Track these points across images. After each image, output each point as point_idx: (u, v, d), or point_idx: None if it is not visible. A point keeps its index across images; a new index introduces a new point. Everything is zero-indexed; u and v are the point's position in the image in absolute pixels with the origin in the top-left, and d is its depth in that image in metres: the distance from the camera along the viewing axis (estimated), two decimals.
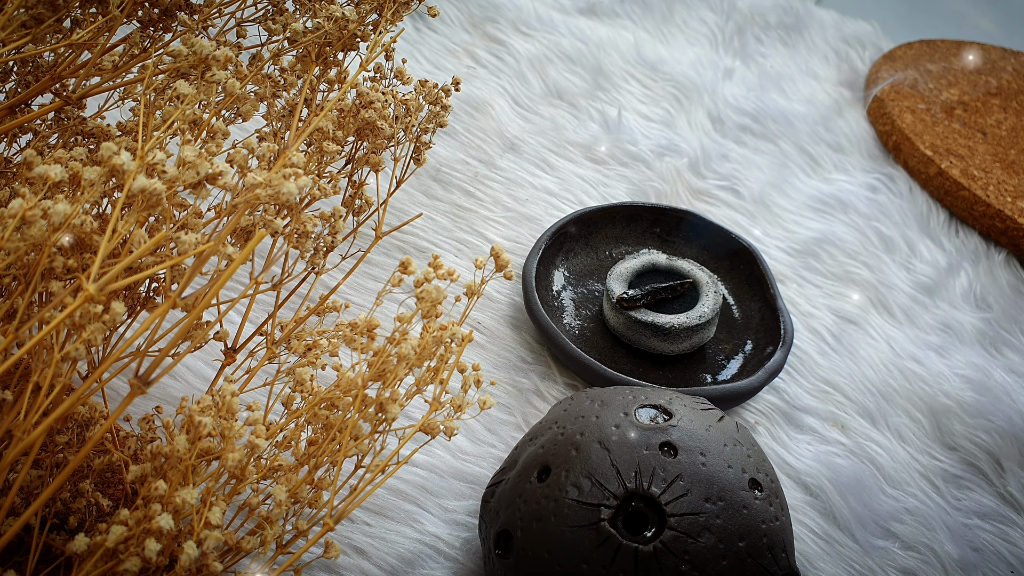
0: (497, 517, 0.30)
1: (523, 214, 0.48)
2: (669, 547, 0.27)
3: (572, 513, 0.28)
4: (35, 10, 0.28)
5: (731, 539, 0.28)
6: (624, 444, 0.29)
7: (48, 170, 0.21)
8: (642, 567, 0.27)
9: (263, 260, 0.41)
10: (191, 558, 0.21)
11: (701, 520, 0.27)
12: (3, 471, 0.21)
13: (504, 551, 0.29)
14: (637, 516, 0.28)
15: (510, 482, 0.30)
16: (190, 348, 0.26)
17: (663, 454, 0.29)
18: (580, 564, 0.27)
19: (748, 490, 0.29)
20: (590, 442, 0.29)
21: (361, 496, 0.25)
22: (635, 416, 0.30)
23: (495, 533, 0.30)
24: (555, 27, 0.62)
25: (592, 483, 0.28)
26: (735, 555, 0.27)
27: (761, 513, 0.29)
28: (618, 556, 0.27)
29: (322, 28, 0.29)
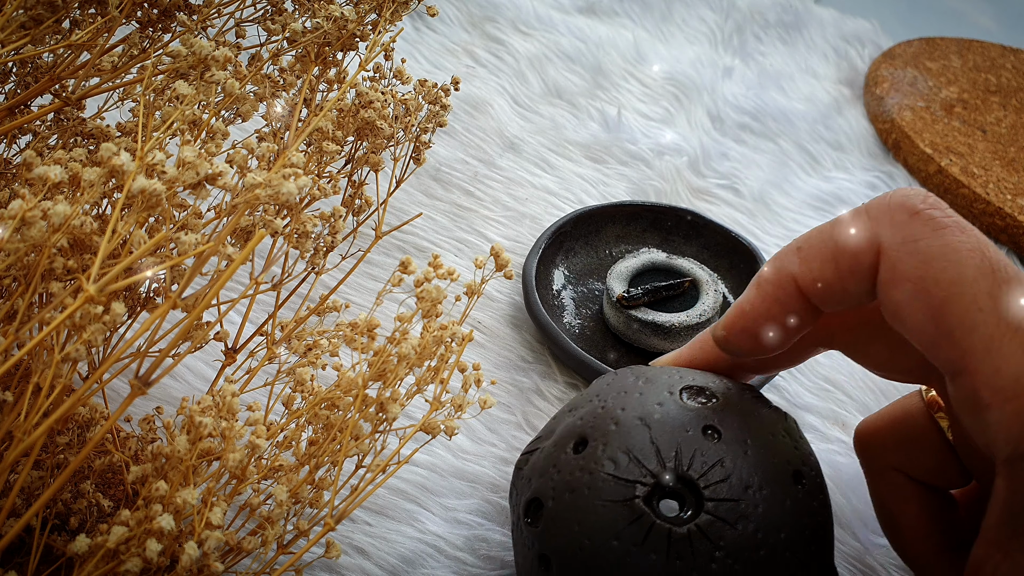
0: (529, 485, 0.29)
1: (523, 213, 0.48)
2: (704, 531, 0.26)
3: (606, 487, 0.27)
4: (34, 11, 0.28)
5: (770, 530, 0.26)
6: (666, 423, 0.28)
7: (48, 171, 0.21)
8: (674, 549, 0.26)
9: (263, 260, 0.41)
10: (192, 558, 0.21)
11: (740, 507, 0.26)
12: (4, 472, 0.21)
13: (533, 520, 0.29)
14: (673, 497, 0.27)
15: (545, 451, 0.29)
16: (190, 349, 0.26)
17: (706, 437, 0.27)
18: (611, 540, 0.26)
19: (792, 483, 0.27)
20: (631, 418, 0.28)
21: (362, 496, 0.26)
22: (680, 396, 0.29)
23: (525, 501, 0.29)
24: (554, 26, 0.62)
25: (630, 459, 0.27)
26: (772, 547, 0.26)
27: (804, 507, 0.27)
28: (650, 535, 0.26)
29: (321, 28, 0.29)
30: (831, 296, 0.27)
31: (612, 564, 0.26)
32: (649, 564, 0.26)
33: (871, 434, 0.32)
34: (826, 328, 0.30)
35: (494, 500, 0.35)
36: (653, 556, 0.26)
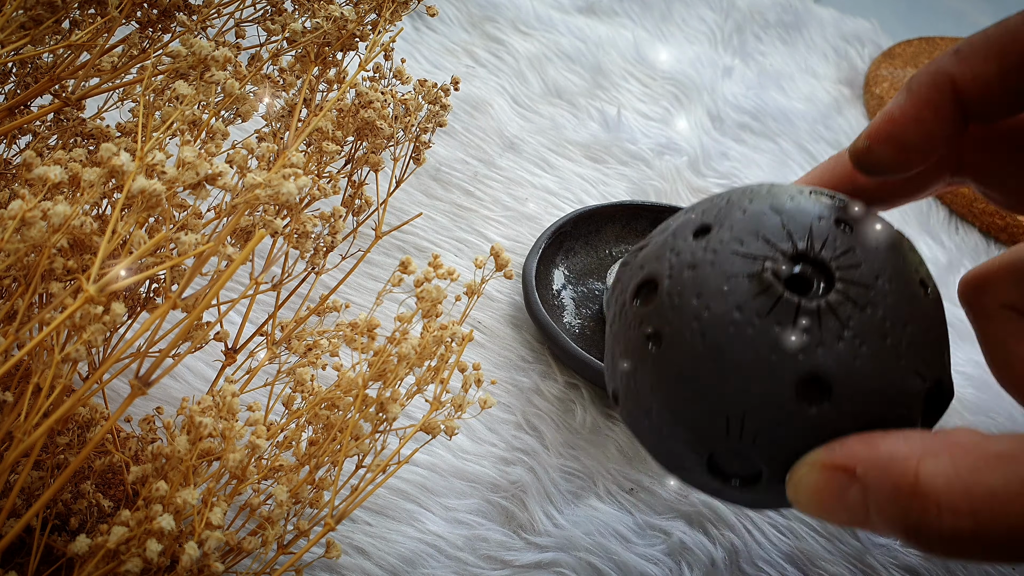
0: (640, 270, 0.28)
1: (523, 213, 0.48)
2: (834, 309, 0.25)
3: (733, 262, 0.26)
4: (34, 11, 0.28)
5: (897, 321, 0.25)
6: (799, 211, 0.27)
7: (48, 171, 0.21)
8: (801, 321, 0.25)
9: (263, 260, 0.41)
10: (192, 558, 0.21)
11: (870, 295, 0.25)
12: (4, 472, 0.21)
13: (644, 300, 0.27)
14: (804, 281, 0.26)
15: (658, 241, 0.28)
16: (190, 349, 0.26)
17: (839, 228, 0.27)
18: (732, 311, 0.25)
19: (921, 289, 0.27)
20: (761, 207, 0.27)
21: (362, 496, 0.26)
22: (810, 194, 0.28)
23: (636, 284, 0.28)
24: (554, 26, 0.62)
25: (759, 239, 0.26)
26: (898, 338, 0.25)
27: (929, 312, 0.27)
28: (777, 306, 0.25)
29: (321, 28, 0.29)
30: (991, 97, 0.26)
31: (733, 335, 0.25)
32: (774, 335, 0.25)
33: (983, 277, 0.31)
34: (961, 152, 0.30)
35: (494, 500, 0.35)
36: (778, 327, 0.25)
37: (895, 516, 0.23)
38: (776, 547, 0.36)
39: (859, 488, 0.24)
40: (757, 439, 0.25)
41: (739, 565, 0.35)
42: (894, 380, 0.25)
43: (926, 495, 0.23)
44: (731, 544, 0.36)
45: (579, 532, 0.35)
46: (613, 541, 0.35)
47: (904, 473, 0.23)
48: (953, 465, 0.23)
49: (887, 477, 0.23)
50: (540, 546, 0.34)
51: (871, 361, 0.25)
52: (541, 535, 0.35)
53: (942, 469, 0.23)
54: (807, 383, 0.25)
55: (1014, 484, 0.22)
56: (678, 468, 0.28)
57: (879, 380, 0.25)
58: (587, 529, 0.35)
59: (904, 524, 0.23)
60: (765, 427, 0.25)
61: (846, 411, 0.25)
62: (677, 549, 0.35)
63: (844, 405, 0.25)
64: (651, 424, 0.27)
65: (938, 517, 0.23)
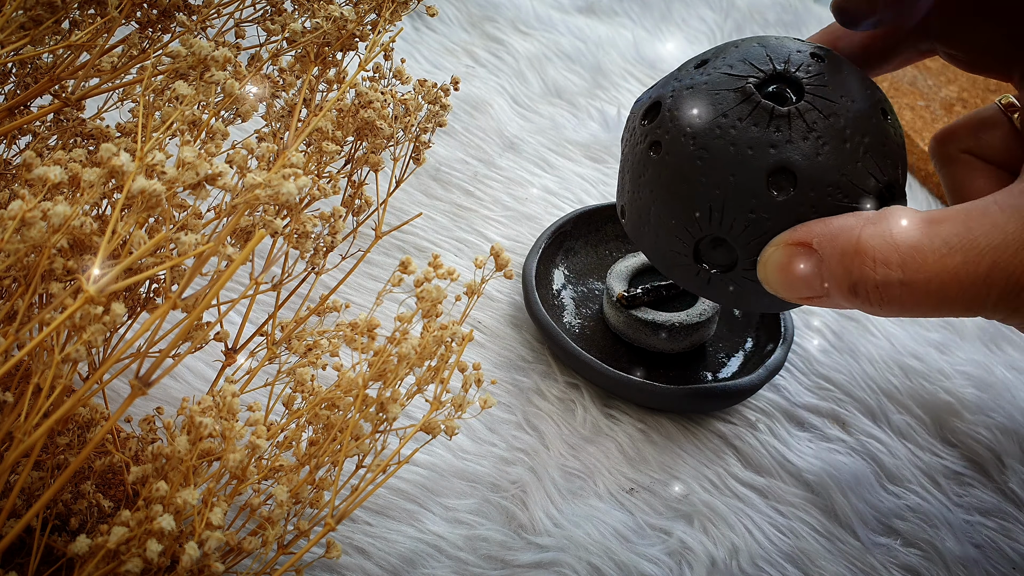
0: (648, 99, 0.34)
1: (523, 213, 0.48)
2: (802, 114, 0.30)
3: (722, 81, 0.32)
4: (34, 12, 0.28)
5: (857, 131, 0.31)
6: (781, 46, 0.33)
7: (47, 172, 0.21)
8: (774, 123, 0.30)
9: (263, 260, 0.41)
10: (192, 559, 0.21)
11: (836, 106, 0.31)
12: (4, 473, 0.21)
13: (650, 119, 0.33)
14: (780, 96, 0.31)
15: (665, 76, 0.35)
16: (190, 349, 0.26)
17: (813, 58, 0.32)
18: (719, 117, 0.31)
19: (880, 115, 0.32)
20: (751, 43, 0.33)
21: (362, 496, 0.26)
22: (796, 39, 0.34)
23: (644, 109, 0.34)
24: (554, 26, 0.62)
25: (746, 64, 0.32)
26: (857, 145, 0.30)
27: (887, 131, 0.32)
28: (755, 111, 0.30)
29: (321, 28, 0.29)
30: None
31: (718, 136, 0.31)
32: (751, 134, 0.30)
33: (948, 131, 0.37)
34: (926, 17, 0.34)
35: (494, 500, 0.35)
36: (754, 128, 0.30)
37: (842, 277, 0.28)
38: (776, 547, 0.36)
39: (816, 259, 0.29)
40: (734, 225, 0.31)
41: (739, 565, 0.35)
42: (852, 177, 0.30)
43: (864, 252, 0.27)
44: (731, 544, 0.36)
45: (579, 532, 0.35)
46: (613, 541, 0.35)
47: (849, 239, 0.28)
48: (888, 228, 0.27)
49: (836, 244, 0.28)
50: (540, 546, 0.34)
51: (832, 158, 0.30)
52: (541, 535, 0.35)
53: (879, 231, 0.27)
54: (776, 173, 0.30)
55: (935, 241, 0.27)
56: (671, 264, 0.33)
57: (838, 174, 0.30)
58: (587, 529, 0.35)
59: (849, 282, 0.28)
60: (740, 214, 0.30)
61: (809, 199, 0.30)
62: (677, 549, 0.35)
63: (807, 194, 0.30)
64: (650, 226, 0.33)
65: (873, 270, 0.27)
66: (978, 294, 0.27)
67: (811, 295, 0.30)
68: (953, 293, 0.27)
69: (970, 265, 0.26)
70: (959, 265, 0.27)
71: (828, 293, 0.29)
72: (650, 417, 0.40)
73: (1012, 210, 0.27)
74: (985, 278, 0.27)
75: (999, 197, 0.28)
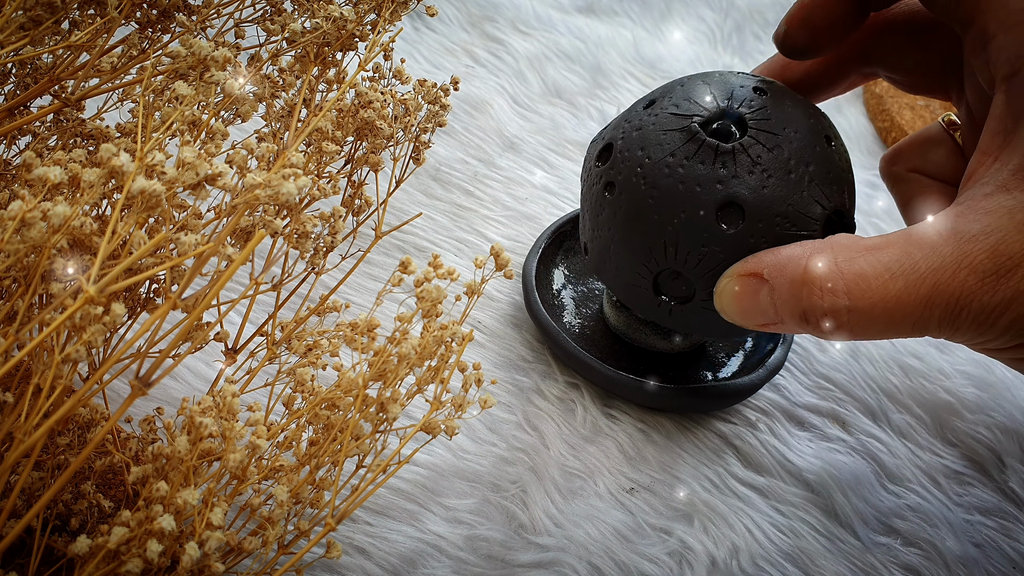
0: (601, 140, 0.36)
1: (523, 213, 0.48)
2: (746, 149, 0.32)
3: (668, 121, 0.33)
4: (33, 12, 0.28)
5: (802, 161, 0.32)
6: (725, 83, 0.34)
7: (47, 172, 0.21)
8: (719, 159, 0.32)
9: (263, 261, 0.41)
10: (193, 559, 0.21)
11: (779, 138, 0.32)
12: (4, 473, 0.21)
13: (604, 160, 0.35)
14: (725, 132, 0.33)
15: (616, 117, 0.36)
16: (191, 349, 0.26)
17: (756, 92, 0.33)
18: (667, 156, 0.32)
19: (824, 142, 0.33)
20: (696, 82, 0.35)
21: (363, 496, 0.26)
22: (740, 74, 0.35)
23: (598, 151, 0.36)
24: (554, 26, 0.62)
25: (690, 103, 0.33)
26: (802, 175, 0.32)
27: (832, 158, 0.33)
28: (701, 149, 0.32)
29: (320, 28, 0.29)
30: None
31: (667, 175, 0.32)
32: (698, 172, 0.32)
33: (896, 151, 0.39)
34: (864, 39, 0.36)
35: (495, 500, 0.35)
36: (701, 165, 0.32)
37: (793, 305, 0.30)
38: (776, 546, 0.36)
39: (767, 288, 0.30)
40: (688, 259, 0.32)
41: (739, 565, 0.35)
42: (798, 206, 0.32)
43: (812, 282, 0.29)
44: (731, 544, 0.36)
45: (580, 532, 0.35)
46: (613, 541, 0.35)
47: (797, 268, 0.29)
48: (833, 257, 0.29)
49: (785, 274, 0.30)
50: (541, 546, 0.34)
51: (777, 189, 0.31)
52: (542, 535, 0.35)
53: (824, 261, 0.29)
54: (725, 208, 0.32)
55: (878, 267, 0.28)
56: (634, 298, 0.35)
57: (784, 205, 0.31)
58: (588, 529, 0.35)
59: (799, 310, 0.29)
60: (694, 248, 0.32)
61: (758, 231, 0.31)
62: (677, 549, 0.35)
63: (756, 225, 0.31)
64: (611, 262, 0.35)
65: (821, 298, 0.28)
66: (922, 316, 0.28)
67: (766, 322, 0.31)
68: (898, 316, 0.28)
69: (912, 289, 0.28)
70: (901, 290, 0.28)
71: (782, 320, 0.31)
72: (650, 417, 0.40)
73: (949, 233, 0.28)
74: (927, 300, 0.28)
75: (937, 221, 0.29)
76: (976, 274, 0.27)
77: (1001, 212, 0.28)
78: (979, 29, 0.30)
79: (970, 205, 0.29)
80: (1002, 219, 0.28)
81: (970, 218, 0.28)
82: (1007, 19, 0.29)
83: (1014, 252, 0.27)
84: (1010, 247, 0.27)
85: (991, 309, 0.27)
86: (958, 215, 0.29)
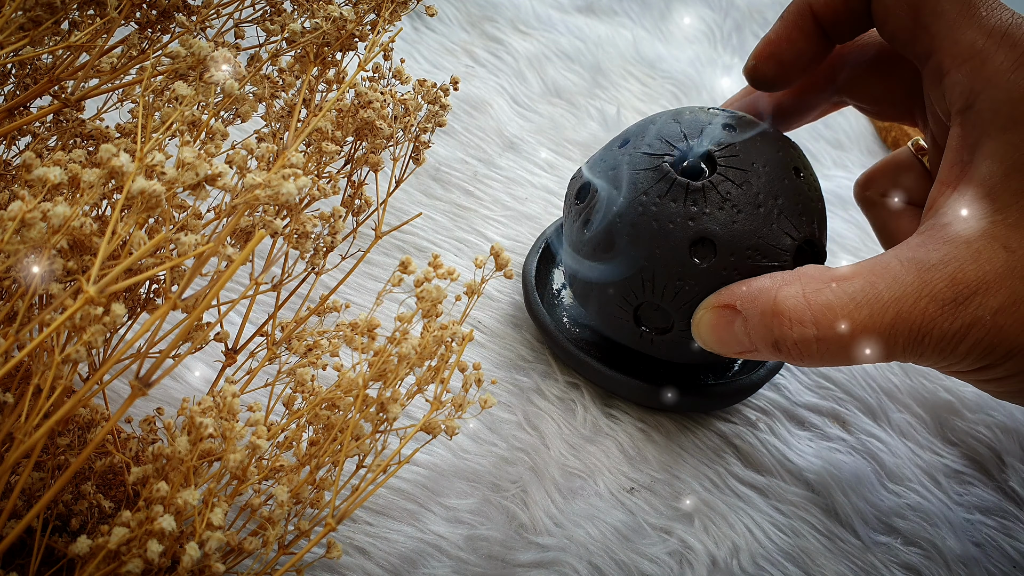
0: (580, 179, 0.38)
1: (523, 213, 0.48)
2: (716, 186, 0.33)
3: (641, 161, 0.35)
4: (33, 12, 0.28)
5: (771, 195, 0.33)
6: (695, 121, 0.35)
7: (47, 172, 0.21)
8: (690, 197, 0.33)
9: (263, 261, 0.41)
10: (193, 559, 0.21)
11: (747, 174, 0.33)
12: (5, 474, 0.21)
13: (582, 198, 0.37)
14: (695, 169, 0.34)
15: (594, 156, 0.38)
16: (191, 349, 0.26)
17: (725, 129, 0.35)
18: (641, 196, 0.34)
19: (793, 174, 0.34)
20: (667, 120, 0.36)
21: (363, 496, 0.26)
22: (710, 110, 0.36)
23: (576, 189, 0.37)
24: (553, 26, 0.62)
25: (662, 142, 0.35)
26: (771, 208, 0.33)
27: (800, 189, 0.34)
28: (672, 188, 0.33)
29: (320, 28, 0.29)
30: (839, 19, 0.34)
31: (641, 213, 0.34)
32: (670, 210, 0.33)
33: (867, 176, 0.40)
34: (831, 71, 0.37)
35: (495, 499, 0.35)
36: (673, 204, 0.33)
37: (765, 335, 0.31)
38: (776, 545, 0.36)
39: (741, 319, 0.32)
40: (665, 292, 0.34)
41: (740, 564, 0.35)
42: (767, 239, 0.33)
43: (782, 313, 0.30)
44: (731, 544, 0.36)
45: (580, 531, 0.35)
46: (613, 541, 0.35)
47: (768, 300, 0.31)
48: (801, 289, 0.30)
49: (756, 305, 0.31)
50: (541, 545, 0.34)
51: (747, 224, 0.33)
52: (542, 534, 0.35)
53: (793, 293, 0.30)
54: (697, 243, 0.33)
55: (843, 298, 0.29)
56: (617, 329, 0.37)
57: (754, 238, 0.33)
58: (588, 528, 0.35)
59: (771, 340, 0.31)
60: (670, 282, 0.34)
61: (730, 264, 0.33)
62: (678, 548, 0.35)
63: (727, 259, 0.33)
64: (593, 295, 0.36)
65: (790, 329, 0.30)
66: (887, 343, 0.29)
67: (742, 350, 0.33)
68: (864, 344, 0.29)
69: (876, 318, 0.29)
70: (866, 318, 0.29)
71: (756, 348, 0.32)
72: (650, 416, 0.40)
73: (910, 263, 0.29)
74: (890, 328, 0.29)
75: (899, 251, 0.30)
76: (936, 302, 0.28)
77: (958, 241, 0.29)
78: (935, 64, 0.31)
79: (930, 235, 0.30)
80: (959, 248, 0.29)
81: (930, 247, 0.29)
82: (959, 55, 0.30)
83: (970, 280, 0.28)
84: (967, 275, 0.28)
85: (951, 335, 0.29)
86: (919, 245, 0.30)
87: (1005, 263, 0.28)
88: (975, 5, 0.30)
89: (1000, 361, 0.29)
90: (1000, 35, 0.30)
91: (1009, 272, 0.28)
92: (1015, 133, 0.29)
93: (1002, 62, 0.29)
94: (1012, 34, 0.29)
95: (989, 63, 0.29)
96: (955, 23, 0.30)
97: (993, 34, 0.30)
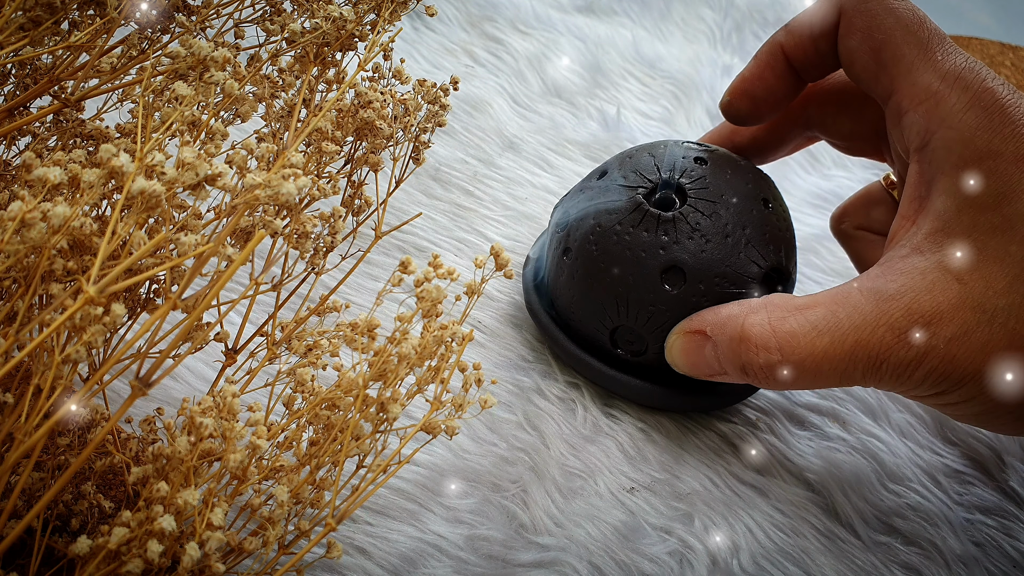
0: (561, 206, 0.40)
1: (523, 213, 0.48)
2: (685, 217, 0.35)
3: (616, 192, 0.37)
4: (33, 13, 0.28)
5: (739, 225, 0.35)
6: (668, 154, 0.37)
7: (47, 172, 0.21)
8: (662, 227, 0.35)
9: (263, 261, 0.41)
10: (193, 559, 0.21)
11: (716, 205, 0.35)
12: (5, 474, 0.21)
13: (561, 227, 0.39)
14: (667, 201, 0.37)
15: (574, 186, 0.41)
16: (191, 350, 0.26)
17: (696, 163, 0.37)
18: (615, 225, 0.36)
19: (762, 205, 0.36)
20: (643, 153, 0.38)
21: (363, 496, 0.26)
22: (684, 144, 0.38)
23: (555, 221, 0.40)
24: (553, 25, 0.62)
25: (637, 175, 0.37)
26: (739, 237, 0.35)
27: (771, 218, 0.36)
28: (644, 219, 0.36)
29: (320, 28, 0.29)
30: (808, 58, 0.36)
31: (615, 242, 0.36)
32: (642, 239, 0.35)
33: (842, 210, 0.42)
34: (804, 107, 0.39)
35: (495, 499, 0.35)
36: (645, 233, 0.35)
37: (733, 360, 0.32)
38: (776, 545, 0.36)
39: (711, 344, 0.33)
40: (638, 317, 0.36)
41: (740, 564, 0.35)
42: (736, 267, 0.35)
43: (748, 339, 0.32)
44: (732, 543, 0.36)
45: (580, 531, 0.35)
46: (614, 540, 0.35)
47: (735, 327, 0.32)
48: (767, 317, 0.32)
49: (725, 332, 0.33)
50: (541, 545, 0.34)
51: (716, 253, 0.35)
52: (542, 534, 0.35)
53: (759, 320, 0.32)
54: (668, 271, 0.35)
55: (805, 326, 0.31)
56: (596, 349, 0.39)
57: (723, 267, 0.35)
58: (588, 528, 0.35)
59: (739, 365, 0.32)
60: (642, 307, 0.36)
61: (699, 291, 0.35)
62: (677, 549, 0.35)
63: (697, 286, 0.35)
64: (575, 316, 0.39)
65: (756, 355, 0.31)
66: (846, 369, 0.31)
67: (712, 373, 0.34)
68: (826, 370, 0.31)
69: (836, 345, 0.30)
70: (827, 346, 0.30)
71: (726, 371, 0.33)
72: (650, 416, 0.40)
73: (869, 293, 0.31)
74: (850, 355, 0.30)
75: (861, 281, 0.31)
76: (893, 331, 0.30)
77: (915, 273, 0.30)
78: (895, 104, 0.32)
79: (889, 266, 0.31)
80: (915, 279, 0.30)
81: (888, 278, 0.31)
82: (916, 96, 0.31)
83: (925, 310, 0.30)
84: (922, 306, 0.30)
85: (907, 363, 0.30)
86: (878, 275, 0.31)
87: (958, 294, 0.29)
88: (932, 49, 0.32)
89: (953, 388, 0.30)
90: (954, 78, 0.31)
91: (961, 303, 0.29)
92: (966, 170, 0.30)
93: (955, 104, 0.31)
94: (965, 77, 0.31)
95: (943, 104, 0.31)
96: (913, 66, 0.32)
97: (947, 77, 0.31)
